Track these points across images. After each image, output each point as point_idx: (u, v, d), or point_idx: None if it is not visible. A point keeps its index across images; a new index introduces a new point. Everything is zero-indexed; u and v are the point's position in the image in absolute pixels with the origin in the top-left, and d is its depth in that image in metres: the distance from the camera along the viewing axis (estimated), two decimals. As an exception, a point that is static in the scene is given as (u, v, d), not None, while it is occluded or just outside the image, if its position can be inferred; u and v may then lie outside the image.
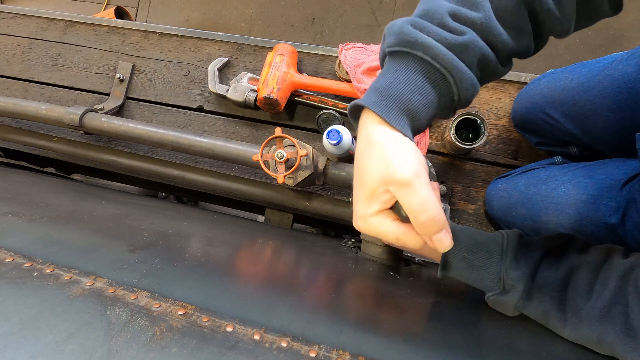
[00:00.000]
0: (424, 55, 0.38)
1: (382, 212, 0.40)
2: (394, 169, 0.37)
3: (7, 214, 0.51)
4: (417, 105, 0.39)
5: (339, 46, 0.88)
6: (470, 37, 0.38)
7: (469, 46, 0.38)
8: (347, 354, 0.35)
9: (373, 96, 0.40)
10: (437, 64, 0.38)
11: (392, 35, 0.41)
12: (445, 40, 0.38)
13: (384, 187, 0.38)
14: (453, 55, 0.38)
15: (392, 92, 0.39)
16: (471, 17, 0.38)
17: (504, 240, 0.50)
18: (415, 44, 0.38)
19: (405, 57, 0.40)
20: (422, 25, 0.39)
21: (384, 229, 0.40)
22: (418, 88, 0.39)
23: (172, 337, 0.33)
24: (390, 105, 0.39)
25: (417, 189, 0.37)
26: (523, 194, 0.68)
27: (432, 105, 0.40)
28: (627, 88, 0.55)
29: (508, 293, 0.48)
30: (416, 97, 0.39)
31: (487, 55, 0.40)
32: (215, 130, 0.96)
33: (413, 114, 0.39)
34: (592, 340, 0.42)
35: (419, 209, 0.36)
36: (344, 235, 1.05)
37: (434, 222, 0.37)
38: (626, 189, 0.54)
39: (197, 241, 0.58)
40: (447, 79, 0.39)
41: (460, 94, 0.40)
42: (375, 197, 0.39)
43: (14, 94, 1.07)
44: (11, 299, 0.34)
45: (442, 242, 0.38)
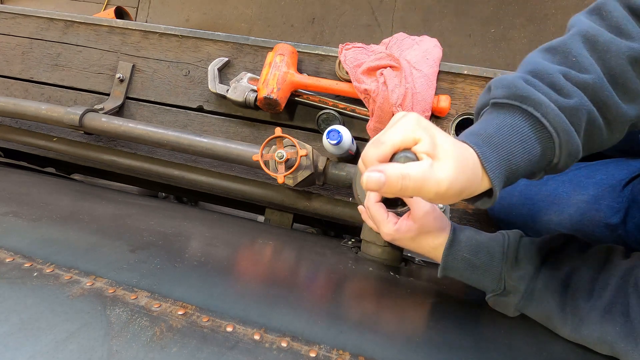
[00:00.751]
0: (534, 111, 0.38)
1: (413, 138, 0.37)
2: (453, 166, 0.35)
3: (7, 214, 0.51)
4: (518, 159, 0.38)
5: (339, 46, 0.88)
6: (580, 100, 0.37)
7: (579, 109, 0.38)
8: (347, 354, 0.35)
9: (474, 139, 0.38)
10: (547, 122, 0.37)
11: (501, 88, 0.40)
12: (556, 101, 0.37)
13: (430, 152, 0.36)
14: (563, 116, 0.37)
15: (495, 140, 0.38)
16: (582, 79, 0.38)
17: (504, 241, 0.50)
18: (527, 99, 0.38)
19: (513, 111, 0.39)
20: (533, 82, 0.39)
21: (400, 134, 0.37)
22: (522, 142, 0.38)
23: (172, 337, 0.33)
24: (491, 151, 0.37)
25: (428, 187, 0.35)
26: (523, 194, 0.68)
27: (531, 163, 0.39)
28: None
29: (509, 293, 0.48)
30: (519, 150, 0.38)
31: (595, 119, 0.39)
32: (215, 130, 0.96)
33: (511, 167, 0.38)
34: (593, 340, 0.42)
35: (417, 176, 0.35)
36: (344, 235, 1.05)
37: (401, 184, 0.35)
38: (627, 189, 0.54)
39: (197, 241, 0.58)
40: (552, 139, 0.38)
41: (562, 157, 0.39)
42: (430, 139, 0.36)
43: (14, 94, 1.07)
44: (11, 299, 0.34)
45: (367, 178, 0.35)
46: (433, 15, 1.92)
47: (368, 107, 0.84)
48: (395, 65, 0.82)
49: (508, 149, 0.38)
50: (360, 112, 0.86)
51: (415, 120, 0.37)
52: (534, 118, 0.38)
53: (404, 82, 0.80)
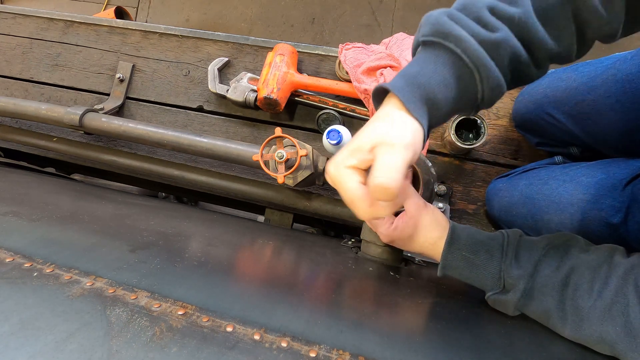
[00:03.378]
0: (454, 47, 0.38)
1: (356, 169, 0.39)
2: (390, 133, 0.37)
3: (7, 214, 0.51)
4: (439, 97, 0.39)
5: (339, 46, 0.88)
6: (503, 34, 0.38)
7: (501, 44, 0.38)
8: (347, 354, 0.35)
9: (399, 81, 0.39)
10: (467, 58, 0.38)
11: (427, 24, 0.40)
12: (478, 35, 0.38)
13: (371, 146, 0.38)
14: (484, 51, 0.38)
15: (418, 80, 0.39)
16: (509, 13, 0.38)
17: (504, 239, 0.50)
18: (448, 35, 0.38)
19: (436, 48, 0.39)
20: (458, 17, 0.39)
21: (347, 183, 0.39)
22: (443, 79, 0.39)
23: (172, 337, 0.33)
24: (413, 92, 0.38)
25: (397, 154, 0.36)
26: (524, 193, 0.68)
27: (454, 100, 0.40)
28: (631, 88, 0.55)
29: (508, 292, 0.48)
30: (440, 88, 0.39)
31: (520, 55, 0.39)
32: (215, 130, 0.96)
33: (433, 105, 0.39)
34: (593, 340, 0.42)
35: (383, 169, 0.36)
36: (344, 235, 1.05)
37: (385, 189, 0.35)
38: (628, 188, 0.54)
39: (197, 241, 0.58)
40: (473, 75, 0.39)
41: (485, 93, 0.40)
42: (359, 152, 0.39)
43: (14, 94, 1.07)
44: (11, 299, 0.34)
45: (382, 209, 0.38)
46: (433, 15, 1.91)
47: (368, 107, 0.84)
48: (395, 65, 0.82)
49: (429, 87, 0.38)
50: (360, 112, 0.86)
51: (333, 166, 0.40)
52: (455, 54, 0.38)
53: (404, 82, 0.80)
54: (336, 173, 0.40)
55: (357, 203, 0.39)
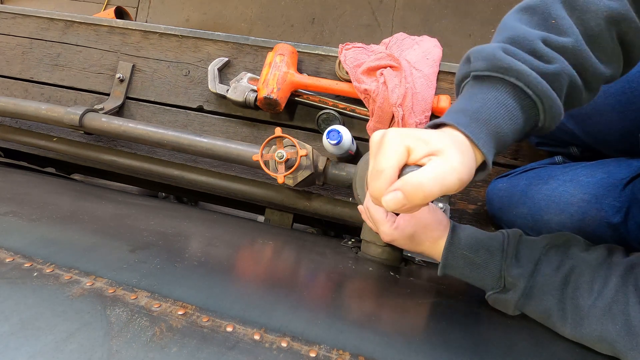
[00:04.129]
0: (516, 81, 0.38)
1: (407, 152, 0.37)
2: (457, 158, 0.35)
3: (7, 214, 0.51)
4: (506, 130, 0.39)
5: (339, 46, 0.88)
6: (561, 65, 0.38)
7: (560, 74, 0.38)
8: (347, 354, 0.35)
9: (461, 118, 0.38)
10: (530, 91, 0.38)
11: (481, 60, 0.40)
12: (537, 68, 0.38)
13: (435, 150, 0.36)
14: (546, 83, 0.38)
15: (482, 116, 0.38)
16: (561, 43, 0.38)
17: (504, 239, 0.50)
18: (509, 70, 0.38)
19: (495, 83, 0.39)
20: (513, 52, 0.39)
21: (392, 153, 0.37)
22: (508, 112, 0.38)
23: (172, 337, 0.33)
24: (480, 128, 0.38)
25: (451, 176, 0.34)
26: (524, 193, 0.68)
27: (518, 131, 0.40)
28: (630, 88, 0.55)
29: (509, 291, 0.48)
30: (505, 121, 0.38)
31: (575, 82, 0.39)
32: (215, 130, 0.96)
33: (500, 139, 0.39)
34: (593, 339, 0.42)
35: (433, 177, 0.34)
36: (344, 235, 1.05)
37: (417, 190, 0.34)
38: (629, 188, 0.54)
39: (197, 241, 0.58)
40: (536, 107, 0.39)
41: (546, 121, 0.40)
42: (425, 144, 0.36)
43: (14, 94, 1.07)
44: (11, 299, 0.34)
45: (394, 199, 0.35)
46: (433, 15, 1.91)
47: (368, 107, 0.84)
48: (395, 65, 0.82)
49: (495, 122, 0.38)
50: (360, 112, 0.86)
51: (396, 133, 0.37)
52: (518, 88, 0.38)
53: (404, 82, 0.80)
54: (392, 140, 0.37)
55: (384, 175, 0.36)
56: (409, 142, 0.37)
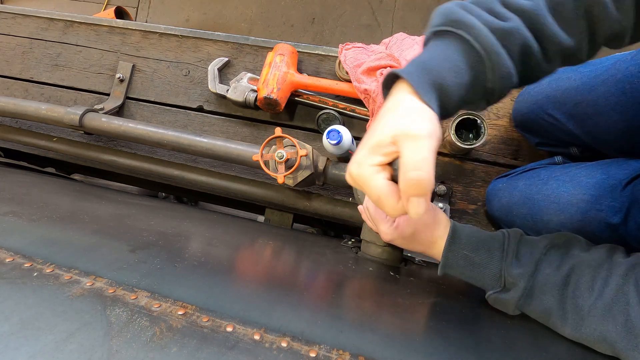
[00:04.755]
0: (465, 34, 0.38)
1: (380, 166, 0.38)
2: (410, 123, 0.36)
3: (7, 214, 0.51)
4: (449, 82, 0.38)
5: (339, 46, 0.88)
6: (514, 24, 0.38)
7: (512, 33, 0.38)
8: (347, 354, 0.35)
9: (409, 67, 0.39)
10: (477, 45, 0.38)
11: (438, 16, 0.41)
12: (489, 23, 0.38)
13: (392, 139, 0.37)
14: (495, 38, 0.38)
15: (427, 65, 0.38)
16: (520, 4, 0.38)
17: (505, 238, 0.50)
18: (459, 23, 0.39)
19: (447, 36, 0.40)
20: (469, 8, 0.39)
21: (373, 181, 0.38)
22: (453, 65, 0.39)
23: (172, 337, 0.33)
24: (422, 77, 0.38)
25: (424, 146, 0.35)
26: (524, 193, 0.68)
27: (463, 86, 0.39)
28: (631, 89, 0.55)
29: (509, 291, 0.48)
30: (450, 74, 0.38)
31: (531, 46, 0.39)
32: (215, 130, 0.96)
33: (443, 90, 0.39)
34: (593, 339, 0.42)
35: (415, 165, 0.35)
36: (344, 235, 1.05)
37: (419, 183, 0.35)
38: (628, 189, 0.54)
39: (197, 241, 0.58)
40: (484, 62, 0.39)
41: (495, 82, 0.40)
42: (381, 147, 0.38)
43: (14, 94, 1.07)
44: (11, 299, 0.34)
45: (417, 205, 0.36)
46: (433, 15, 1.91)
47: (368, 107, 0.84)
48: (395, 65, 0.82)
49: (437, 72, 0.38)
50: (360, 112, 0.86)
51: (355, 165, 0.39)
52: (466, 41, 0.38)
53: (404, 82, 0.80)
54: (359, 173, 0.39)
55: (385, 201, 0.38)
56: (370, 160, 0.38)
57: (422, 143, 0.35)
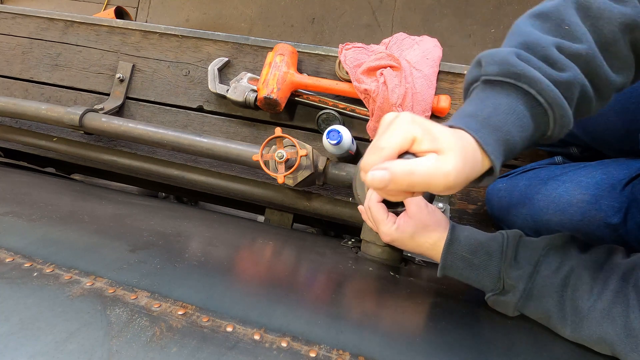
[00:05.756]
0: (529, 88, 0.37)
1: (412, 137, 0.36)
2: (459, 162, 0.35)
3: (7, 214, 0.51)
4: (516, 138, 0.38)
5: (339, 46, 0.88)
6: (574, 73, 0.37)
7: (573, 83, 0.37)
8: (347, 354, 0.35)
9: (472, 123, 0.38)
10: (542, 99, 0.37)
11: (494, 64, 0.39)
12: (550, 76, 0.37)
13: (438, 147, 0.35)
14: (558, 92, 0.37)
15: (492, 122, 0.37)
16: (575, 50, 0.37)
17: (504, 240, 0.50)
18: (522, 76, 0.37)
19: (507, 88, 0.38)
20: (526, 57, 0.38)
21: (397, 136, 0.36)
22: (519, 120, 0.38)
23: (172, 337, 0.33)
24: (490, 135, 0.37)
25: (437, 178, 0.34)
26: (523, 193, 0.68)
27: (527, 139, 0.39)
28: (630, 89, 0.55)
29: (508, 293, 0.48)
30: (516, 129, 0.38)
31: (587, 91, 0.39)
32: (215, 130, 0.96)
33: (509, 146, 0.38)
34: (593, 340, 0.42)
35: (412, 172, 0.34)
36: (344, 235, 1.05)
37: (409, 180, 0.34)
38: (628, 189, 0.54)
39: (197, 241, 0.58)
40: (547, 115, 0.38)
41: (555, 130, 0.39)
42: (428, 133, 0.36)
43: (14, 94, 1.07)
44: (11, 299, 0.34)
45: (372, 176, 0.35)
46: (433, 15, 1.91)
47: (368, 107, 0.84)
48: (395, 65, 0.82)
49: (505, 128, 0.37)
50: (360, 112, 0.86)
51: (409, 119, 0.37)
52: (530, 95, 0.38)
53: (404, 82, 0.80)
54: (403, 123, 0.36)
55: (383, 153, 0.36)
56: (418, 131, 0.36)
57: (439, 180, 0.34)
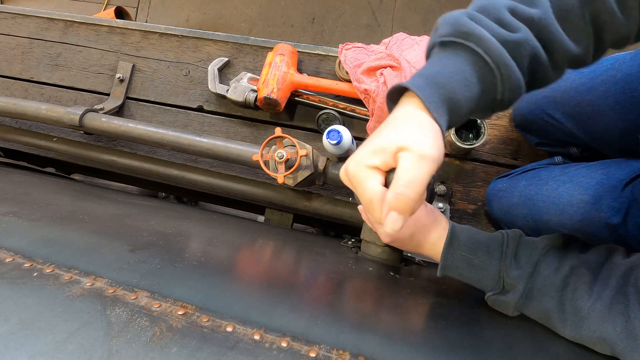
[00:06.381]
0: (476, 47, 0.38)
1: (377, 170, 0.38)
2: (420, 139, 0.36)
3: (7, 214, 0.51)
4: (460, 97, 0.38)
5: (339, 46, 0.88)
6: (524, 34, 0.38)
7: (522, 44, 0.38)
8: (347, 354, 0.35)
9: (418, 80, 0.38)
10: (488, 58, 0.37)
11: (446, 25, 0.40)
12: (499, 35, 0.38)
13: (397, 148, 0.37)
14: (505, 51, 0.37)
15: (438, 79, 0.38)
16: (528, 13, 0.38)
17: (504, 240, 0.50)
18: (470, 35, 0.38)
19: (456, 48, 0.39)
20: (478, 18, 0.39)
21: (368, 183, 0.38)
22: (464, 79, 0.38)
23: (172, 337, 0.33)
24: (434, 92, 0.37)
25: (424, 167, 0.35)
26: (523, 193, 0.68)
27: (473, 100, 0.39)
28: (630, 89, 0.55)
29: (508, 292, 0.48)
30: (461, 87, 0.38)
31: (539, 56, 0.39)
32: (215, 130, 0.96)
33: (453, 105, 0.38)
34: (593, 340, 0.42)
35: (409, 182, 0.35)
36: (344, 235, 1.05)
37: (406, 202, 0.35)
38: (628, 189, 0.54)
39: (197, 241, 0.58)
40: (494, 75, 0.38)
41: (504, 93, 0.39)
42: (383, 152, 0.37)
43: (14, 94, 1.07)
44: (11, 299, 0.34)
45: (394, 222, 0.36)
46: (433, 15, 1.91)
47: (368, 107, 0.84)
48: (395, 65, 0.82)
49: (450, 86, 0.38)
50: (360, 112, 0.86)
51: (354, 163, 0.39)
52: (477, 54, 0.38)
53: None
54: (356, 171, 0.38)
55: (375, 205, 0.38)
56: (370, 161, 0.38)
57: (423, 164, 0.35)
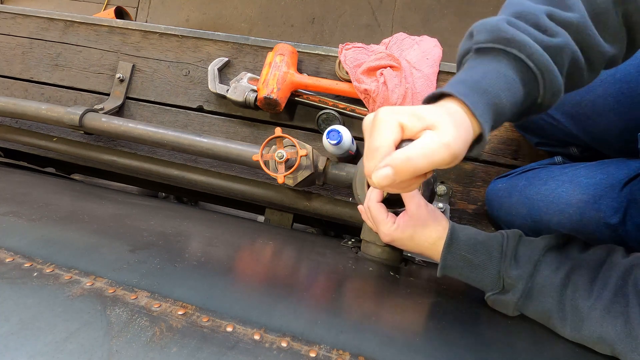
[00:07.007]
0: (518, 53, 0.37)
1: (400, 126, 0.36)
2: (452, 133, 0.34)
3: (7, 214, 0.51)
4: (505, 102, 0.38)
5: (339, 46, 0.88)
6: (564, 39, 0.38)
7: (563, 49, 0.38)
8: (347, 354, 0.35)
9: (459, 87, 0.38)
10: (531, 64, 0.37)
11: (484, 32, 0.39)
12: (540, 41, 0.37)
13: (429, 125, 0.35)
14: (548, 56, 0.37)
15: (482, 85, 0.37)
16: (566, 18, 0.38)
17: (503, 240, 0.50)
18: (511, 41, 0.37)
19: (497, 55, 0.39)
20: (516, 24, 0.38)
21: (387, 131, 0.36)
22: (508, 84, 0.38)
23: (172, 337, 0.33)
24: (479, 98, 0.37)
25: (441, 153, 0.34)
26: (523, 193, 0.68)
27: (517, 104, 0.39)
28: (629, 88, 0.55)
29: (508, 292, 0.48)
30: (505, 93, 0.37)
31: (578, 59, 0.39)
32: (215, 130, 0.96)
33: (498, 110, 0.38)
34: (593, 340, 0.42)
35: (421, 153, 0.34)
36: (344, 235, 1.05)
37: (408, 166, 0.34)
38: (627, 189, 0.54)
39: (197, 241, 0.58)
40: (537, 80, 0.38)
41: (545, 97, 0.39)
42: (418, 120, 0.36)
43: (14, 94, 1.07)
44: (11, 299, 0.34)
45: (383, 174, 0.35)
46: (433, 15, 1.91)
47: (368, 107, 0.84)
48: (395, 65, 0.82)
49: (494, 92, 0.37)
50: (360, 112, 0.86)
51: (388, 110, 0.37)
52: (519, 60, 0.38)
53: (404, 82, 0.80)
54: (385, 118, 0.37)
55: (379, 153, 0.36)
56: (402, 118, 0.36)
57: (442, 151, 0.34)
